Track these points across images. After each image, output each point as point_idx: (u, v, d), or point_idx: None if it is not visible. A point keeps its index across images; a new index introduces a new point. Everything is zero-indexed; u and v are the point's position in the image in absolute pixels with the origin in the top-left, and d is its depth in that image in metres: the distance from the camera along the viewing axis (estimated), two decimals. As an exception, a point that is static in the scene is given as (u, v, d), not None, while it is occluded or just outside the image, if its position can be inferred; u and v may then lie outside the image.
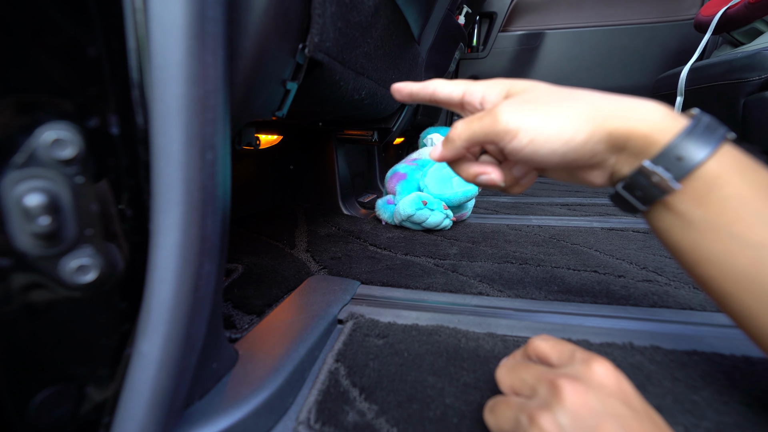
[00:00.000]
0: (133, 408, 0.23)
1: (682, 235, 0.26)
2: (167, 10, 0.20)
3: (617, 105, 0.27)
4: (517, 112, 0.27)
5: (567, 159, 0.27)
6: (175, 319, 0.23)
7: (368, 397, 0.31)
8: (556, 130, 0.26)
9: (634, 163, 0.26)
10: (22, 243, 0.19)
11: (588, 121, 0.26)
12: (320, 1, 0.37)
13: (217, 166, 0.24)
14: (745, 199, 0.24)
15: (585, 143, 0.26)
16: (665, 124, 0.25)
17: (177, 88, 0.21)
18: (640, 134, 0.25)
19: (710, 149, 0.24)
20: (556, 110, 0.27)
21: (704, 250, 0.25)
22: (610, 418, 0.21)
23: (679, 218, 0.26)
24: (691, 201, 0.25)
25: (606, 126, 0.26)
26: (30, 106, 0.19)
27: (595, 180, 0.30)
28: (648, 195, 0.26)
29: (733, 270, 0.24)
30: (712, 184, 0.24)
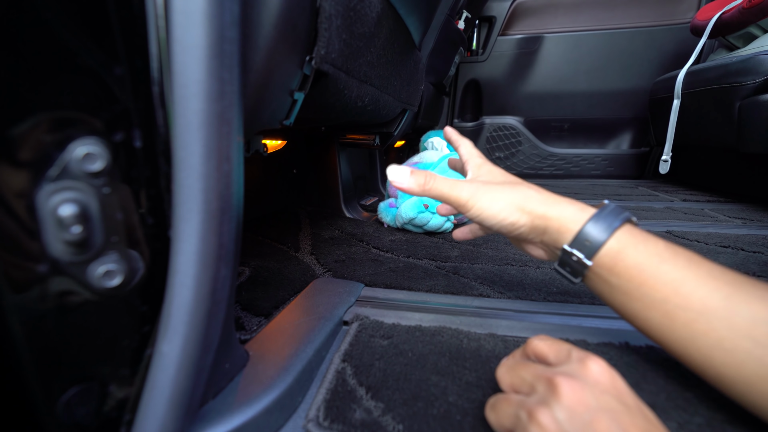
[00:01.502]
0: (154, 406, 0.25)
1: (613, 298, 0.32)
2: (189, 33, 0.22)
3: (542, 201, 0.35)
4: (475, 193, 0.36)
5: (503, 232, 0.36)
6: (193, 321, 0.25)
7: (374, 396, 0.33)
8: (495, 211, 0.35)
9: (558, 242, 0.34)
10: (55, 250, 0.21)
11: (517, 210, 0.35)
12: (326, 16, 0.39)
13: (232, 176, 0.26)
14: (643, 266, 0.30)
15: (513, 224, 0.35)
16: (576, 216, 0.33)
17: (197, 104, 0.22)
18: (554, 225, 0.34)
19: (609, 232, 0.32)
20: (498, 196, 0.36)
21: (631, 309, 0.31)
22: (604, 414, 0.22)
23: (604, 284, 0.32)
24: (605, 271, 0.32)
25: (530, 216, 0.35)
26: (63, 123, 0.20)
27: (534, 253, 0.39)
28: (575, 270, 0.34)
29: (655, 322, 0.30)
30: (615, 258, 0.31)
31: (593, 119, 1.85)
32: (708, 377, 0.28)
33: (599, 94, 1.80)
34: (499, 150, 1.96)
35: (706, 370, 0.28)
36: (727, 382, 0.27)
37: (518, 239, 0.38)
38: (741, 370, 0.26)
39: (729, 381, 0.27)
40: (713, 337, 0.27)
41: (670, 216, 0.97)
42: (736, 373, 0.26)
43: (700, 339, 0.27)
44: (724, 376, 0.27)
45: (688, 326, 0.28)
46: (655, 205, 1.14)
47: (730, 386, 0.27)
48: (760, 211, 1.03)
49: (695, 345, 0.28)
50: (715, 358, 0.27)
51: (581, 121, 1.87)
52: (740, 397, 0.27)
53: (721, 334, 0.27)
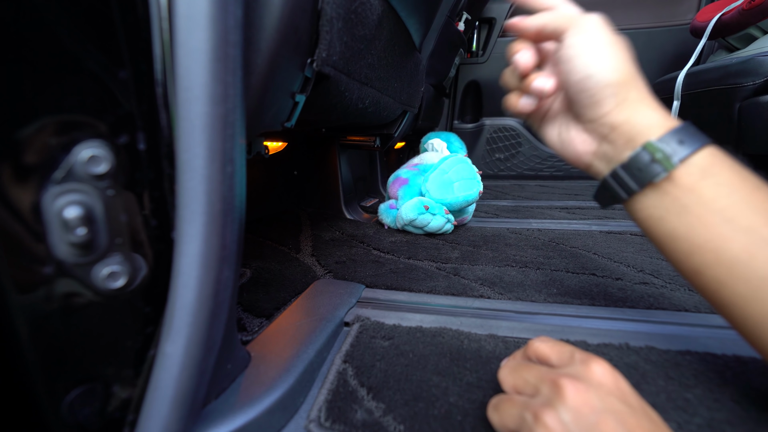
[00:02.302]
0: (157, 406, 0.25)
1: (678, 221, 0.28)
2: (193, 37, 0.22)
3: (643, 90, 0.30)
4: (599, 26, 0.31)
5: (583, 84, 0.30)
6: (196, 323, 0.25)
7: (376, 396, 0.33)
8: (602, 57, 0.29)
9: (635, 140, 0.29)
10: (60, 252, 0.21)
11: (621, 75, 0.29)
12: (328, 19, 0.39)
13: (235, 178, 0.26)
14: (735, 187, 0.26)
15: (607, 85, 0.29)
16: (665, 118, 0.29)
17: (201, 107, 0.23)
18: (645, 116, 0.29)
19: (704, 141, 0.27)
20: (613, 51, 0.30)
21: (700, 237, 0.27)
22: (610, 415, 0.22)
23: (675, 203, 0.28)
24: (686, 186, 0.27)
25: (629, 92, 0.29)
26: (69, 127, 0.20)
27: (578, 145, 0.33)
28: (647, 174, 0.28)
29: (727, 255, 0.26)
30: (707, 171, 0.27)
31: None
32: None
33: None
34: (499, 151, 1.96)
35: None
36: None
37: (582, 110, 0.31)
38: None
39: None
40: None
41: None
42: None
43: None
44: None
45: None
46: (656, 206, 1.14)
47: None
48: (760, 212, 1.03)
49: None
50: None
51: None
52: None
53: None
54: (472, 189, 0.83)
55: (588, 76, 0.29)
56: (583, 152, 0.33)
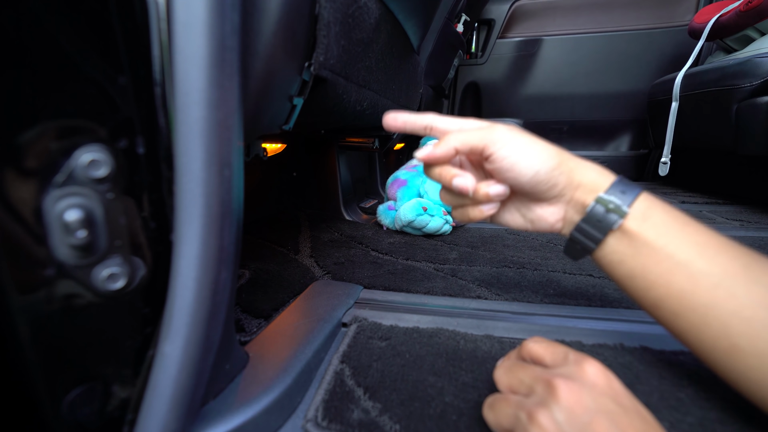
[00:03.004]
0: (156, 406, 0.25)
1: (634, 262, 0.31)
2: (191, 43, 0.22)
3: (573, 157, 0.34)
4: (509, 132, 0.33)
5: (535, 179, 0.33)
6: (195, 323, 0.25)
7: (372, 396, 0.33)
8: (536, 153, 0.33)
9: (588, 198, 0.33)
10: (61, 254, 0.21)
11: (557, 157, 0.33)
12: (325, 23, 0.39)
13: (233, 181, 0.26)
14: (669, 225, 0.30)
15: (553, 170, 0.32)
16: (603, 174, 0.33)
17: (199, 112, 0.23)
18: (590, 176, 0.33)
19: (639, 189, 0.32)
20: (536, 143, 0.33)
21: (652, 274, 0.30)
22: (603, 415, 0.23)
23: (628, 247, 0.31)
24: (632, 230, 0.31)
25: (569, 165, 0.33)
26: (69, 131, 0.21)
27: (549, 218, 0.35)
28: (606, 223, 0.32)
29: (675, 288, 0.29)
30: (645, 214, 0.31)
31: (592, 121, 1.85)
32: (721, 350, 0.28)
33: (598, 96, 1.81)
34: (498, 152, 1.96)
35: (720, 342, 0.27)
36: (740, 356, 0.27)
37: (542, 190, 0.33)
38: (756, 342, 0.26)
39: (742, 354, 0.26)
40: (733, 304, 0.27)
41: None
42: (751, 345, 0.26)
43: (720, 306, 0.27)
44: (739, 348, 0.26)
45: (709, 292, 0.28)
46: (654, 207, 1.14)
47: (742, 360, 0.26)
48: (757, 213, 1.03)
49: (715, 312, 0.27)
50: (733, 327, 0.27)
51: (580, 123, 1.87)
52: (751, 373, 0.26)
53: (741, 301, 0.26)
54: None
55: (536, 172, 0.32)
56: (555, 222, 0.35)
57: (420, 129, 0.37)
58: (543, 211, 0.35)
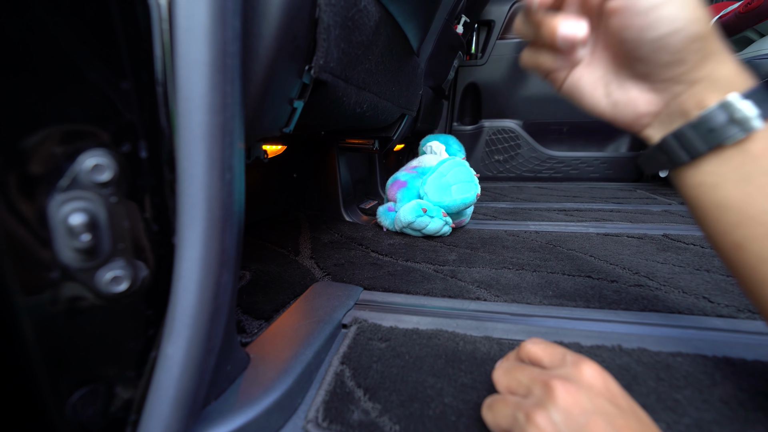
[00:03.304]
0: (159, 406, 0.26)
1: (735, 189, 0.25)
2: (193, 49, 0.23)
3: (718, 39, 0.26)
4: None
5: (664, 42, 0.24)
6: (197, 325, 0.26)
7: (372, 397, 0.34)
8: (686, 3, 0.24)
9: (709, 98, 0.25)
10: (65, 257, 0.22)
11: (706, 25, 0.24)
12: (325, 26, 0.40)
13: (234, 184, 0.27)
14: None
15: (695, 40, 0.24)
16: (744, 75, 0.25)
17: (201, 117, 0.23)
18: (726, 70, 0.25)
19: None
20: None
21: (754, 208, 0.25)
22: (599, 416, 0.23)
23: (737, 170, 0.25)
24: (756, 152, 0.25)
25: (712, 45, 0.25)
26: (73, 136, 0.21)
27: (641, 106, 0.27)
28: (719, 135, 0.25)
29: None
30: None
31: (592, 122, 1.86)
32: None
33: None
34: (498, 153, 1.96)
35: None
36: None
37: (656, 70, 0.26)
38: None
39: None
40: None
41: (667, 219, 0.98)
42: None
43: None
44: None
45: None
46: (653, 208, 1.15)
47: None
48: (756, 214, 1.03)
49: None
50: None
51: (580, 124, 1.88)
52: None
53: None
54: (470, 192, 0.83)
55: (674, 30, 0.24)
56: (644, 113, 0.28)
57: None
58: (638, 94, 0.28)
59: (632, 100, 0.28)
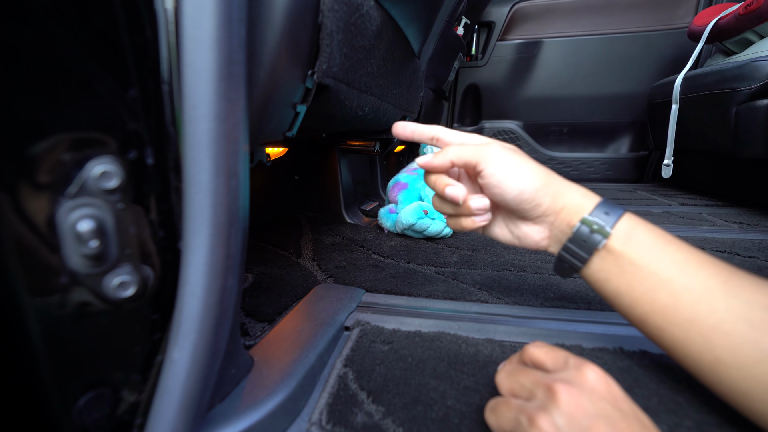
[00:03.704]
0: (164, 410, 0.26)
1: (619, 280, 0.32)
2: (199, 57, 0.23)
3: (560, 179, 0.36)
4: (501, 151, 0.35)
5: (520, 198, 0.35)
6: (202, 329, 0.26)
7: (375, 400, 0.34)
8: (522, 173, 0.35)
9: (573, 220, 0.34)
10: (73, 263, 0.22)
11: (543, 179, 0.35)
12: (328, 32, 0.40)
13: (239, 190, 0.27)
14: (652, 244, 0.32)
15: (537, 190, 0.34)
16: (588, 196, 0.35)
17: (207, 124, 0.24)
18: (575, 199, 0.34)
19: (623, 210, 0.33)
20: (525, 164, 0.35)
21: (636, 291, 0.31)
22: (602, 420, 0.23)
23: (613, 265, 0.32)
24: (617, 250, 0.32)
25: (554, 187, 0.35)
26: (82, 144, 0.22)
27: (534, 235, 0.37)
28: (591, 243, 0.33)
29: (659, 304, 0.30)
30: (629, 234, 0.32)
31: (592, 123, 1.86)
32: (705, 363, 0.29)
33: (598, 98, 1.82)
34: (498, 154, 1.97)
35: (704, 356, 0.28)
36: (723, 369, 0.27)
37: (527, 208, 0.35)
38: (737, 354, 0.27)
39: (726, 366, 0.27)
40: (714, 318, 0.28)
41: (668, 220, 0.98)
42: (733, 358, 0.27)
43: (702, 320, 0.28)
44: (722, 360, 0.27)
45: (691, 307, 0.29)
46: (654, 209, 1.15)
47: (726, 372, 0.27)
48: (757, 216, 1.04)
49: (697, 327, 0.28)
50: (715, 340, 0.28)
51: (580, 125, 1.88)
52: (735, 384, 0.27)
53: (721, 315, 0.27)
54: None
55: (521, 191, 0.34)
56: (540, 239, 0.37)
57: (427, 139, 0.40)
58: (529, 229, 0.37)
59: (527, 233, 0.37)
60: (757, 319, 0.26)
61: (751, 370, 0.26)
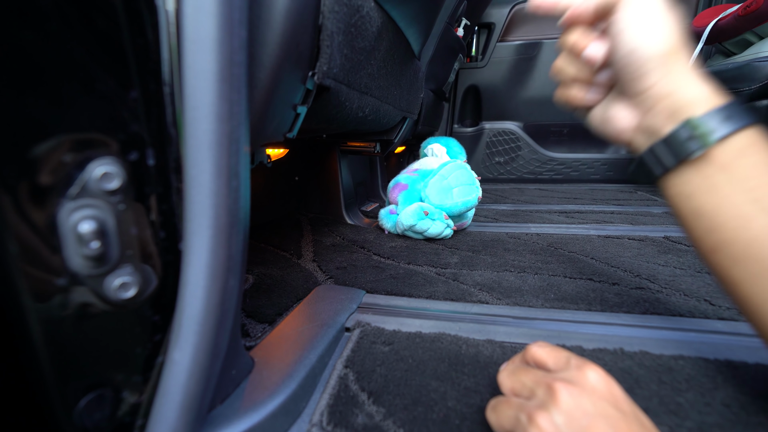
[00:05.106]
0: (165, 411, 0.26)
1: (706, 199, 0.28)
2: (200, 59, 0.23)
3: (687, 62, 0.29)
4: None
5: (628, 58, 0.29)
6: (203, 331, 0.26)
7: (376, 401, 0.34)
8: (649, 29, 0.29)
9: (676, 118, 0.28)
10: (75, 264, 0.22)
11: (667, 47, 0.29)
12: (328, 33, 0.40)
13: (240, 191, 0.27)
14: (766, 168, 0.27)
15: (653, 58, 0.28)
16: (712, 94, 0.28)
17: (208, 125, 0.24)
18: (692, 91, 0.28)
19: (748, 121, 0.27)
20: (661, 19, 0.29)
21: (724, 215, 0.27)
22: (601, 419, 0.23)
23: (706, 181, 0.28)
24: (720, 163, 0.27)
25: (675, 66, 0.29)
26: (83, 145, 0.22)
27: (621, 120, 0.32)
28: (684, 150, 0.28)
29: (746, 234, 0.27)
30: (744, 151, 0.27)
31: (592, 124, 1.86)
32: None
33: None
34: (498, 155, 1.97)
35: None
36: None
37: (628, 85, 0.31)
38: None
39: None
40: None
41: (668, 221, 0.98)
42: None
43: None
44: None
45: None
46: (654, 210, 1.15)
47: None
48: (757, 216, 1.04)
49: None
50: None
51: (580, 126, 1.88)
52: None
53: None
54: (471, 195, 0.84)
55: (633, 49, 0.29)
56: (625, 128, 0.32)
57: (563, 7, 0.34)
58: (619, 110, 0.32)
59: (614, 116, 0.33)
60: None
61: None
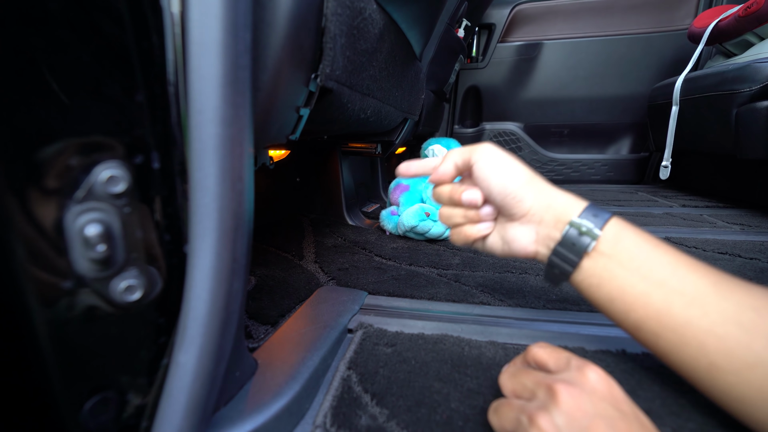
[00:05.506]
0: (170, 413, 0.26)
1: (612, 285, 0.32)
2: (205, 63, 0.23)
3: (546, 183, 0.37)
4: (492, 149, 0.37)
5: (504, 190, 0.35)
6: (208, 333, 0.26)
7: (379, 402, 0.34)
8: (508, 168, 0.36)
9: (560, 224, 0.34)
10: (81, 267, 0.22)
11: (527, 176, 0.36)
12: (331, 36, 0.40)
13: (245, 194, 0.27)
14: (642, 247, 0.31)
15: (521, 185, 0.35)
16: (575, 200, 0.35)
17: (213, 129, 0.24)
18: (560, 202, 0.35)
19: (610, 213, 0.33)
20: (512, 162, 0.37)
21: (629, 296, 0.31)
22: (601, 420, 0.23)
23: (604, 270, 0.32)
24: (607, 253, 0.32)
25: (538, 186, 0.36)
26: (89, 149, 0.22)
27: (522, 238, 0.37)
28: (580, 246, 0.33)
29: (652, 309, 0.30)
30: (618, 237, 0.32)
31: (592, 125, 1.86)
32: (701, 368, 0.28)
33: (598, 99, 1.82)
34: (499, 155, 1.97)
35: (699, 361, 0.28)
36: (719, 374, 0.27)
37: (512, 210, 0.36)
38: (731, 359, 0.26)
39: (720, 372, 0.27)
40: (706, 322, 0.27)
41: (668, 222, 0.98)
42: (727, 363, 0.26)
43: (695, 324, 0.28)
44: (716, 366, 0.27)
45: (684, 311, 0.28)
46: (654, 211, 1.15)
47: (721, 378, 0.27)
48: (758, 217, 1.04)
49: (692, 331, 0.28)
50: (709, 345, 0.27)
51: (581, 127, 1.88)
52: (730, 390, 0.27)
53: (713, 318, 0.27)
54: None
55: (504, 185, 0.35)
56: (528, 243, 0.37)
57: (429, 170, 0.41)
58: (516, 232, 0.37)
59: (515, 236, 0.37)
60: (747, 321, 0.26)
61: (745, 375, 0.26)
